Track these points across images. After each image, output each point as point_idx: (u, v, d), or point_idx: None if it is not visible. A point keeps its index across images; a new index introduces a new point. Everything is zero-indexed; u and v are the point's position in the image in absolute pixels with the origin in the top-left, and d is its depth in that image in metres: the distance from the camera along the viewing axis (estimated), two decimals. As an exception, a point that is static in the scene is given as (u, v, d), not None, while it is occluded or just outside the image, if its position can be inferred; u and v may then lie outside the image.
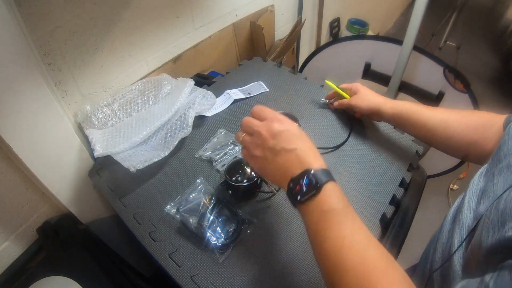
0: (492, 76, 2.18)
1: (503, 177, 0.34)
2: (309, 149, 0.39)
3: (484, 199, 0.35)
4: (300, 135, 0.40)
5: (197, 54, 0.95)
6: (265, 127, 0.40)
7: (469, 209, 0.38)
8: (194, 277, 0.47)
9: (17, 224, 0.63)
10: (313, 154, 0.39)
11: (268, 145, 0.40)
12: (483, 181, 0.38)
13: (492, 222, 0.29)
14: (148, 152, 0.63)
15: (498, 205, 0.30)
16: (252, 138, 0.42)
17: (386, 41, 1.28)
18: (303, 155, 0.38)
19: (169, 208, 0.54)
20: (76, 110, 0.68)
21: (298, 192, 0.37)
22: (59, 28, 0.60)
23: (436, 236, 0.44)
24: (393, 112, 0.60)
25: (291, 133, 0.40)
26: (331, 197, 0.36)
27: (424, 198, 0.63)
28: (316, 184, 0.36)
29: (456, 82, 1.19)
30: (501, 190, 0.33)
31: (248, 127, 0.42)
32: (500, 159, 0.36)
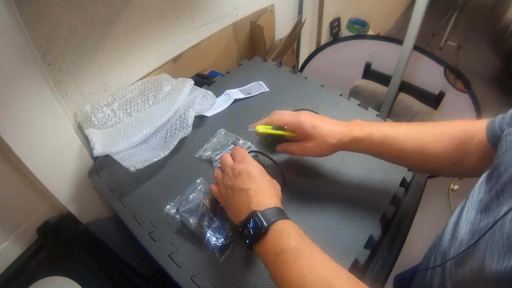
0: (493, 76, 2.18)
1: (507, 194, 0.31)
2: (262, 189, 0.40)
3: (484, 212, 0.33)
4: (259, 177, 0.42)
5: (197, 54, 0.94)
6: (231, 167, 0.44)
7: (466, 222, 0.36)
8: (194, 277, 0.47)
9: (16, 224, 0.63)
10: (265, 193, 0.40)
11: (229, 183, 0.42)
12: (483, 193, 0.36)
13: (497, 245, 0.27)
14: (148, 152, 0.63)
15: (503, 226, 0.28)
16: (221, 176, 0.45)
17: (386, 41, 1.28)
18: (254, 195, 0.39)
19: (169, 208, 0.54)
20: (75, 110, 0.68)
21: (247, 235, 0.37)
22: (58, 27, 0.59)
23: (437, 242, 0.43)
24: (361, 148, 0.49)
25: (249, 174, 0.41)
26: (281, 237, 0.35)
27: (424, 198, 0.63)
28: (262, 226, 0.36)
29: (456, 82, 1.18)
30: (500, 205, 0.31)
31: (221, 165, 0.46)
32: (500, 173, 0.33)
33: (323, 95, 0.78)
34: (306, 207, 0.55)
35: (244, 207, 0.39)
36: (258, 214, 0.37)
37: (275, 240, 0.36)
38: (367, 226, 0.52)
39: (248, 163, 0.43)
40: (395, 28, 2.60)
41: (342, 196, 0.56)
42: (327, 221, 0.53)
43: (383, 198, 0.56)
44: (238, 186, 0.41)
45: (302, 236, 0.37)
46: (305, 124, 0.49)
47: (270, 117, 0.55)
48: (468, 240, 0.34)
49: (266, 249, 0.36)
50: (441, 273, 0.38)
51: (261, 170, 0.44)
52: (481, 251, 0.30)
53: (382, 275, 0.50)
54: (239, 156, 0.45)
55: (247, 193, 0.40)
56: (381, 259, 0.52)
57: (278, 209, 0.38)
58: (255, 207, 0.38)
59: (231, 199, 0.42)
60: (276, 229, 0.36)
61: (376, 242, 0.51)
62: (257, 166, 0.44)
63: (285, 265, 0.34)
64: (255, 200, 0.39)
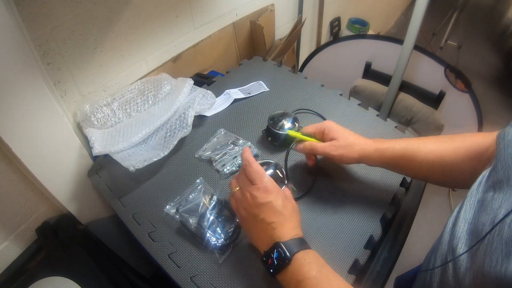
0: (494, 75, 2.18)
1: (499, 193, 0.32)
2: (286, 221, 0.42)
3: (481, 213, 0.34)
4: (282, 210, 0.42)
5: (197, 54, 0.94)
6: (251, 194, 0.43)
7: (464, 221, 0.36)
8: (194, 277, 0.47)
9: (16, 224, 0.63)
10: (289, 225, 0.42)
11: (252, 211, 0.43)
12: (481, 192, 0.37)
13: (496, 250, 0.28)
14: (147, 152, 0.63)
15: (502, 231, 0.28)
16: (241, 197, 0.45)
17: (386, 40, 1.28)
18: (278, 228, 0.41)
19: (169, 208, 0.54)
20: (75, 109, 0.68)
21: (271, 265, 0.39)
22: (58, 27, 0.59)
23: (436, 245, 0.43)
24: (383, 159, 0.50)
25: (273, 207, 0.42)
26: (303, 266, 0.38)
27: (425, 198, 0.63)
28: (285, 257, 0.38)
29: (457, 81, 1.18)
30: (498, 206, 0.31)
31: (241, 184, 0.46)
32: (497, 171, 0.34)
33: (323, 95, 0.78)
34: (306, 207, 0.55)
35: (268, 237, 0.41)
36: (282, 245, 0.39)
37: (297, 269, 0.38)
38: (367, 226, 0.52)
39: (270, 193, 0.43)
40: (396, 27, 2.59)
41: (343, 196, 0.56)
42: (328, 221, 0.53)
43: (383, 198, 0.56)
44: (262, 219, 0.42)
45: (322, 264, 0.39)
46: (333, 126, 0.53)
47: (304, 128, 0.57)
48: (467, 240, 0.34)
49: (289, 278, 0.38)
50: (440, 275, 0.38)
51: (283, 199, 0.43)
52: (480, 256, 0.30)
53: (383, 276, 0.50)
54: (258, 182, 0.44)
55: (271, 226, 0.42)
56: (381, 260, 0.52)
57: (300, 240, 0.41)
58: (278, 238, 0.40)
59: (254, 226, 0.44)
60: (298, 258, 0.38)
61: (376, 243, 0.51)
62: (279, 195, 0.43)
63: None
64: (279, 233, 0.41)
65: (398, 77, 1.19)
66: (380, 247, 0.53)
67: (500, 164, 0.34)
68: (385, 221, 0.54)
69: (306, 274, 0.37)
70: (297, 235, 0.41)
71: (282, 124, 0.63)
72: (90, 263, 0.60)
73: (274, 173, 0.51)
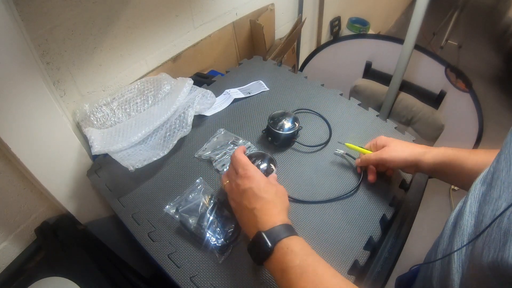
0: (494, 75, 2.17)
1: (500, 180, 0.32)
2: (268, 206, 0.42)
3: (483, 204, 0.34)
4: (263, 194, 0.42)
5: (197, 53, 0.94)
6: (234, 182, 0.45)
7: (470, 215, 0.36)
8: (193, 278, 0.46)
9: (15, 225, 0.63)
10: (271, 211, 0.41)
11: (238, 200, 0.44)
12: (485, 185, 0.37)
13: (494, 241, 0.28)
14: (147, 152, 0.62)
15: (501, 223, 0.29)
16: (229, 188, 0.47)
17: (387, 40, 1.27)
18: (260, 215, 0.41)
19: (168, 208, 0.54)
20: (74, 109, 0.68)
21: (255, 254, 0.40)
22: (57, 26, 0.59)
23: (437, 242, 0.43)
24: (434, 163, 0.50)
25: (253, 192, 0.42)
26: (286, 255, 0.37)
27: (425, 198, 0.63)
28: (267, 246, 0.38)
29: (457, 81, 1.18)
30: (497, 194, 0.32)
31: (229, 175, 0.47)
32: (500, 161, 0.35)
33: (323, 95, 0.77)
34: (306, 208, 0.54)
35: (252, 226, 0.41)
36: (263, 235, 0.39)
37: (280, 258, 0.37)
38: (367, 227, 0.52)
39: (250, 178, 0.44)
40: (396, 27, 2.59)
41: (342, 197, 0.56)
42: (327, 222, 0.52)
43: (383, 199, 0.56)
44: (245, 206, 0.43)
45: (307, 252, 0.38)
46: (383, 137, 0.56)
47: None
48: (470, 235, 0.34)
49: (273, 266, 0.38)
50: (440, 267, 0.38)
51: (265, 183, 0.44)
52: (479, 247, 0.30)
53: (383, 276, 0.50)
54: (241, 169, 0.45)
55: (254, 213, 0.41)
56: (381, 260, 0.52)
57: (284, 227, 0.39)
58: (261, 227, 0.40)
59: (240, 215, 0.45)
60: (281, 247, 0.38)
61: (376, 243, 0.51)
62: (260, 179, 0.44)
63: (290, 282, 0.35)
64: (260, 220, 0.40)
65: (399, 76, 1.19)
66: (380, 247, 0.53)
67: (503, 156, 0.34)
68: (385, 222, 0.54)
69: (289, 263, 0.36)
70: (282, 221, 0.40)
71: (282, 124, 0.63)
72: (90, 264, 0.59)
73: (266, 164, 0.52)
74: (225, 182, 0.48)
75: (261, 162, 0.52)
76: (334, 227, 0.52)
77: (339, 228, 0.52)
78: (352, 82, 1.39)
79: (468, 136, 1.24)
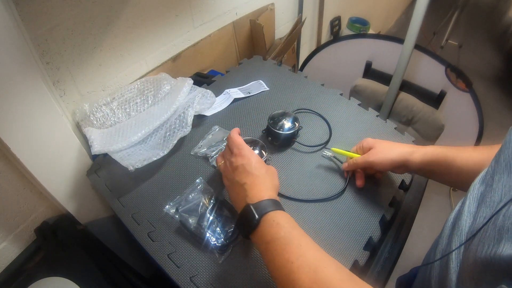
0: (495, 75, 2.17)
1: (502, 183, 0.33)
2: (258, 182, 0.43)
3: (482, 205, 0.35)
4: (253, 171, 0.44)
5: (197, 53, 0.94)
6: (228, 161, 0.47)
7: (469, 215, 0.37)
8: (193, 277, 0.46)
9: (15, 225, 0.63)
10: (260, 186, 0.43)
11: (230, 177, 0.46)
12: (484, 186, 0.37)
13: (489, 238, 0.29)
14: (147, 151, 0.62)
15: (496, 220, 0.29)
16: (224, 167, 0.48)
17: (387, 39, 1.27)
18: (249, 189, 0.42)
19: (168, 208, 0.54)
20: (74, 109, 0.68)
21: (242, 226, 0.41)
22: (57, 26, 0.59)
23: (437, 241, 0.43)
24: (422, 162, 0.50)
25: (244, 168, 0.44)
26: (271, 227, 0.38)
27: (426, 198, 0.62)
28: (254, 218, 0.39)
29: (458, 81, 1.18)
30: (498, 197, 0.32)
31: (224, 156, 0.49)
32: (500, 162, 0.35)
33: (323, 95, 0.77)
34: (305, 208, 0.54)
35: (242, 200, 0.42)
36: (251, 207, 0.40)
37: (266, 230, 0.38)
38: (367, 227, 0.51)
39: (243, 156, 0.45)
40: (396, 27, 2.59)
41: (342, 197, 0.56)
42: (327, 222, 0.52)
43: (382, 199, 0.56)
44: (236, 181, 0.44)
45: (292, 226, 0.39)
46: (369, 139, 0.56)
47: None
48: (467, 234, 0.35)
49: (258, 239, 0.39)
50: (439, 268, 0.38)
51: (256, 161, 0.45)
52: (475, 244, 0.31)
53: (383, 276, 0.50)
54: (235, 149, 0.47)
55: (244, 187, 0.43)
56: (382, 260, 0.52)
57: (271, 201, 0.41)
58: (250, 200, 0.41)
59: (232, 191, 0.46)
60: (267, 220, 0.39)
61: (376, 244, 0.51)
62: (252, 158, 0.46)
63: (275, 253, 0.36)
64: (250, 194, 0.42)
65: (399, 76, 1.19)
66: (380, 248, 0.53)
67: (503, 156, 0.34)
68: (384, 223, 0.54)
69: (274, 235, 0.37)
70: (270, 196, 0.41)
71: (282, 124, 0.63)
72: (89, 264, 0.59)
73: (257, 150, 0.55)
74: (220, 163, 0.50)
75: (253, 148, 0.54)
76: (334, 227, 0.52)
77: (338, 228, 0.51)
78: (352, 82, 1.39)
79: (469, 136, 1.24)
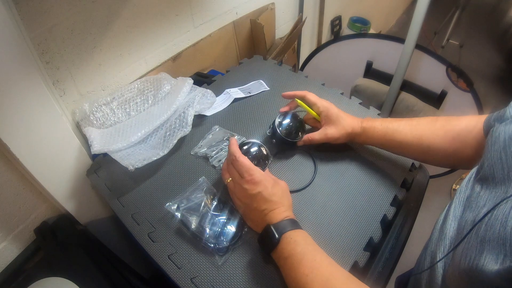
0: (496, 74, 2.17)
1: (484, 191, 0.34)
2: (276, 206, 0.46)
3: (467, 209, 0.35)
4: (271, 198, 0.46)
5: (197, 53, 0.94)
6: (241, 187, 0.47)
7: (454, 219, 0.38)
8: (194, 279, 0.46)
9: (14, 225, 0.63)
10: (279, 209, 0.46)
11: (245, 201, 0.48)
12: (470, 189, 0.38)
13: (471, 248, 0.30)
14: (147, 151, 0.62)
15: (479, 230, 0.30)
16: (234, 188, 0.49)
17: (388, 39, 1.27)
18: (269, 214, 0.46)
19: (169, 205, 0.53)
20: (74, 109, 0.68)
21: (264, 245, 0.45)
22: (57, 26, 0.59)
23: (427, 243, 0.44)
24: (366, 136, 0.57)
25: (262, 196, 0.46)
26: (289, 244, 0.42)
27: (426, 198, 0.62)
28: (274, 237, 0.43)
29: (459, 81, 1.17)
30: (482, 202, 0.32)
31: (231, 174, 0.50)
32: (484, 168, 0.36)
33: (324, 94, 0.77)
34: (305, 208, 0.54)
35: (261, 222, 0.46)
36: (272, 228, 0.44)
37: (284, 247, 0.42)
38: (368, 228, 0.51)
39: (258, 184, 0.46)
40: (397, 26, 2.59)
41: (343, 197, 0.56)
42: (328, 223, 0.52)
43: (383, 199, 0.55)
44: (255, 207, 0.47)
45: (308, 242, 0.43)
46: (332, 110, 0.58)
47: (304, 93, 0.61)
48: (452, 239, 0.36)
49: (278, 255, 0.43)
50: (428, 276, 0.39)
51: (272, 186, 0.47)
52: (458, 254, 0.32)
53: (384, 276, 0.50)
54: (246, 174, 0.47)
55: (264, 213, 0.46)
56: (382, 260, 0.51)
57: (289, 221, 0.45)
58: (270, 221, 0.45)
59: (249, 214, 0.49)
60: (286, 238, 0.43)
61: (376, 244, 0.51)
62: (267, 183, 0.47)
63: (292, 267, 0.40)
64: (269, 218, 0.46)
65: (400, 76, 1.19)
66: (380, 248, 0.52)
67: (487, 161, 0.35)
68: (385, 223, 0.53)
69: (291, 251, 0.41)
70: (287, 217, 0.45)
71: (291, 130, 0.61)
72: (89, 264, 0.59)
73: (258, 151, 0.54)
74: (228, 180, 0.50)
75: (257, 151, 0.54)
76: (335, 227, 0.51)
77: (339, 228, 0.51)
78: (353, 82, 1.39)
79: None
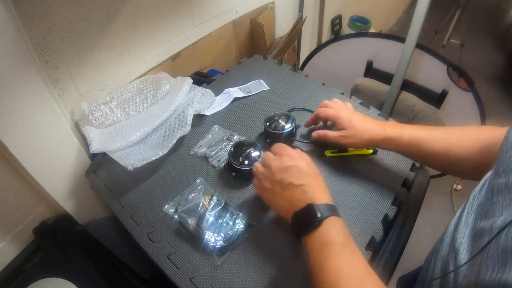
0: (497, 74, 2.16)
1: (502, 197, 0.32)
2: (316, 185, 0.42)
3: (482, 218, 0.34)
4: (309, 171, 0.43)
5: (196, 52, 0.93)
6: (276, 161, 0.44)
7: (466, 226, 0.37)
8: (193, 279, 0.46)
9: (13, 225, 0.62)
10: (319, 189, 0.42)
11: (276, 178, 0.43)
12: (483, 196, 0.37)
13: (492, 258, 0.28)
14: (146, 151, 0.62)
15: (499, 240, 0.29)
16: (264, 170, 0.45)
17: (388, 38, 1.26)
18: (309, 191, 0.41)
19: (168, 208, 0.53)
20: (73, 108, 0.67)
21: (301, 225, 0.40)
22: (55, 25, 0.59)
23: (437, 247, 0.43)
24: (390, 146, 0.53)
25: (300, 169, 0.42)
26: (331, 230, 0.38)
27: (427, 198, 0.62)
28: (317, 218, 0.38)
29: (459, 80, 1.17)
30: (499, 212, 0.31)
31: (264, 159, 0.46)
32: (499, 174, 0.34)
33: (324, 94, 0.77)
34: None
35: (299, 201, 0.41)
36: (314, 207, 0.39)
37: (324, 232, 0.38)
38: (369, 227, 0.51)
39: (293, 157, 0.44)
40: (397, 26, 2.58)
41: (344, 197, 0.55)
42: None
43: (384, 198, 0.55)
44: (290, 182, 0.42)
45: (348, 235, 0.39)
46: (342, 118, 0.55)
47: (318, 110, 0.60)
48: (468, 247, 0.34)
49: (314, 238, 0.38)
50: (439, 284, 0.38)
51: (308, 163, 0.44)
52: (477, 264, 0.30)
53: (385, 276, 0.49)
54: (282, 150, 0.45)
55: (302, 189, 0.41)
56: (383, 260, 0.51)
57: (332, 206, 0.41)
58: (312, 200, 0.40)
59: (280, 194, 0.43)
60: (329, 223, 0.38)
61: (378, 244, 0.50)
62: (304, 158, 0.44)
63: (328, 256, 0.36)
64: (311, 195, 0.41)
65: (400, 75, 1.18)
66: (382, 248, 0.52)
67: (502, 167, 0.34)
68: (387, 222, 0.53)
69: (332, 238, 0.37)
70: (329, 201, 0.41)
71: (278, 124, 0.62)
72: (88, 264, 0.59)
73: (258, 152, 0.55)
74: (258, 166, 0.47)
75: (253, 150, 0.54)
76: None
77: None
78: (353, 81, 1.39)
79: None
